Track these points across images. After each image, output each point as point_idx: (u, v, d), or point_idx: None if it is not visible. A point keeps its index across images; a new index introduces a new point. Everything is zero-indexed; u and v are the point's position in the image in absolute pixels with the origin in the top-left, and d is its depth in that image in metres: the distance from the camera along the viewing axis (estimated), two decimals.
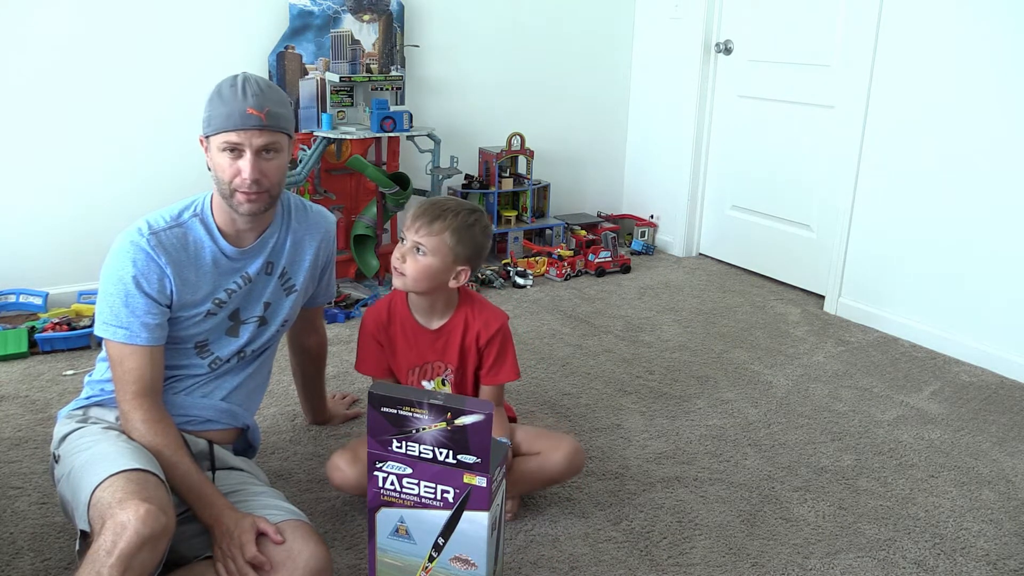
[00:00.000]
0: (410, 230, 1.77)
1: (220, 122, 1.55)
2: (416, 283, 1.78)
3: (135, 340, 1.55)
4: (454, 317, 1.86)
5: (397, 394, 1.41)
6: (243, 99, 1.54)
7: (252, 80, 1.58)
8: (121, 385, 1.56)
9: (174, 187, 2.46)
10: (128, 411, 1.55)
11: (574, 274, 3.65)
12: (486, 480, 1.40)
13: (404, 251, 1.77)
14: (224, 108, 1.55)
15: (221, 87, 1.57)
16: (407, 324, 1.87)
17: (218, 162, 1.57)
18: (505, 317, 1.90)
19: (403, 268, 1.77)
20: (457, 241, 1.76)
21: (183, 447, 1.56)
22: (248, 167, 1.55)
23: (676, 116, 3.97)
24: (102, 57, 2.94)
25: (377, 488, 1.45)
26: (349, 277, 3.37)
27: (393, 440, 1.41)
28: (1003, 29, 2.68)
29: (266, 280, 1.72)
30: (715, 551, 1.80)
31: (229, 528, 1.45)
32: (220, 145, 1.56)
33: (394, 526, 1.47)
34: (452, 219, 1.76)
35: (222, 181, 1.58)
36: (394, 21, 3.43)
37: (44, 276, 2.98)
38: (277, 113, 1.58)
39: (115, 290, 1.55)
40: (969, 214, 2.83)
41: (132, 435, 1.54)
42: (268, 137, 1.57)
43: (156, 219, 1.60)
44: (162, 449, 1.52)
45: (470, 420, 1.37)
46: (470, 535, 1.44)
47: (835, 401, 2.54)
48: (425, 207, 1.78)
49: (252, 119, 1.54)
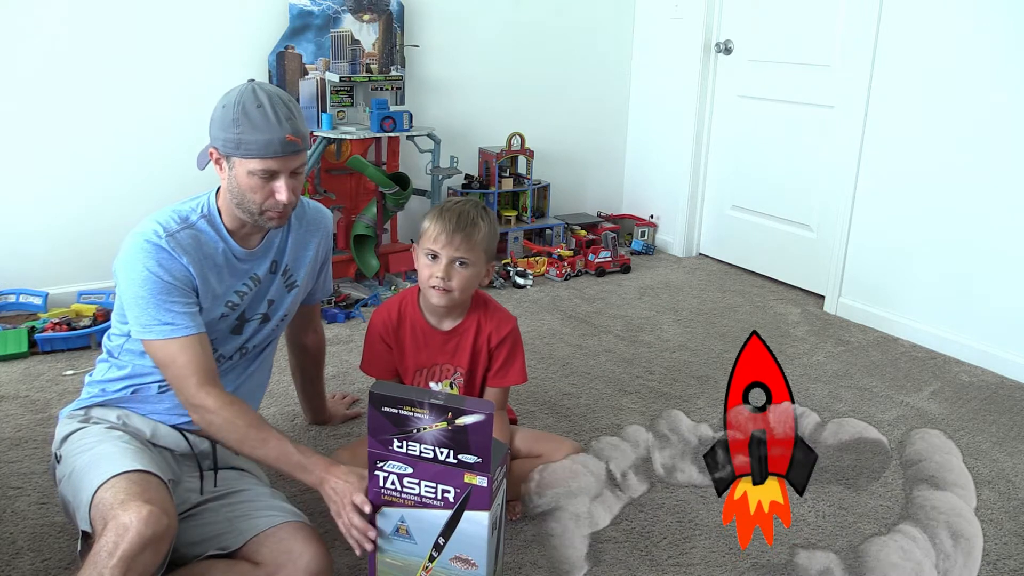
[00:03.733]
0: (448, 247, 1.73)
1: (258, 149, 1.52)
2: (463, 294, 1.79)
3: (182, 332, 1.53)
4: (467, 319, 1.87)
5: (398, 394, 1.41)
6: (279, 126, 1.51)
7: (276, 99, 1.54)
8: (181, 382, 1.53)
9: (174, 187, 2.45)
10: (200, 403, 1.51)
11: (574, 274, 3.65)
12: (487, 480, 1.41)
13: (443, 268, 1.74)
14: (260, 135, 1.51)
15: (246, 107, 1.52)
16: (418, 326, 1.87)
17: (247, 183, 1.55)
18: (515, 320, 1.91)
19: (448, 285, 1.75)
20: (489, 243, 1.79)
21: (265, 422, 1.55)
22: (286, 191, 1.55)
23: (676, 116, 3.97)
24: (102, 57, 2.94)
25: (378, 488, 1.45)
26: (349, 277, 3.37)
27: (394, 440, 1.41)
28: (1003, 29, 2.69)
29: (271, 279, 1.73)
30: (715, 551, 1.80)
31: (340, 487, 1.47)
32: (253, 169, 1.53)
33: (394, 526, 1.47)
34: (482, 224, 1.77)
35: (252, 202, 1.56)
36: (394, 21, 3.43)
37: (44, 276, 2.98)
38: (305, 133, 1.58)
39: (145, 292, 1.52)
40: (969, 214, 2.84)
41: (213, 424, 1.52)
42: (302, 158, 1.58)
43: (167, 221, 1.58)
44: (248, 430, 1.50)
45: (471, 420, 1.37)
46: (471, 535, 1.44)
47: (835, 401, 2.54)
48: (451, 220, 1.74)
49: (291, 146, 1.53)
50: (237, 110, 1.52)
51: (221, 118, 1.54)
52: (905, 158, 3.01)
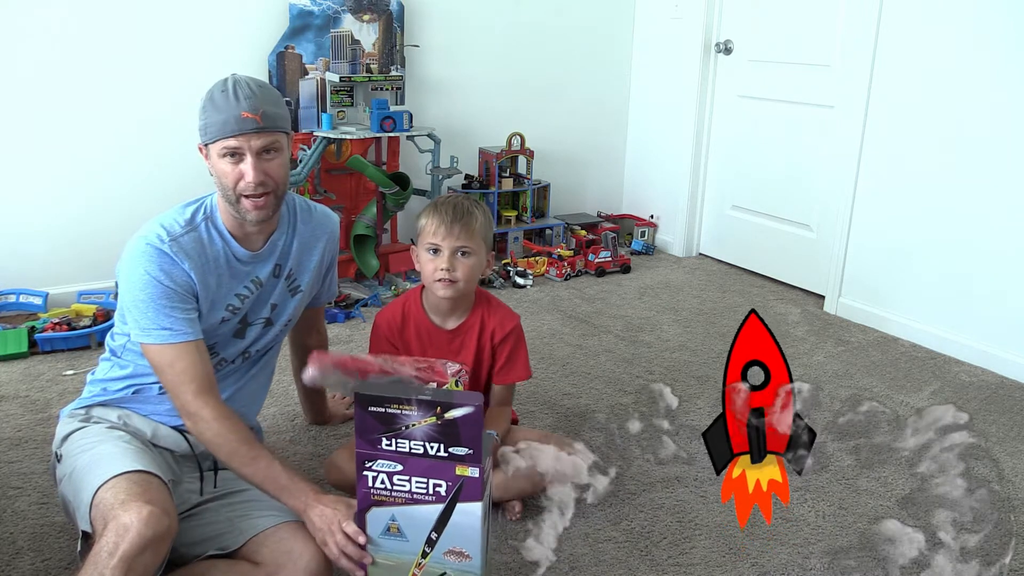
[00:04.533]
0: (448, 238, 1.76)
1: (217, 129, 1.54)
2: (468, 284, 1.81)
3: (181, 338, 1.53)
4: (471, 316, 1.88)
5: (384, 392, 1.40)
6: (236, 103, 1.52)
7: (243, 82, 1.56)
8: (178, 388, 1.52)
9: (174, 187, 2.46)
10: (195, 411, 1.51)
11: (574, 274, 3.65)
12: (479, 470, 1.40)
13: (447, 260, 1.77)
14: (219, 115, 1.53)
15: (213, 93, 1.55)
16: (422, 325, 1.88)
17: (220, 169, 1.56)
18: (518, 317, 1.93)
19: (454, 276, 1.77)
20: (487, 231, 1.83)
21: (256, 439, 1.55)
22: (251, 170, 1.54)
23: (676, 116, 3.97)
24: (102, 57, 2.94)
25: (367, 488, 1.44)
26: (349, 277, 3.37)
27: (383, 438, 1.41)
28: (1003, 29, 2.69)
29: (274, 283, 1.72)
30: (715, 551, 1.80)
31: (327, 514, 1.45)
32: (220, 152, 1.55)
33: (385, 525, 1.46)
34: (478, 213, 1.81)
35: (227, 187, 1.56)
36: (394, 21, 3.43)
37: (44, 276, 2.98)
38: (272, 113, 1.57)
39: (146, 295, 1.52)
40: (969, 214, 2.83)
41: (205, 435, 1.51)
42: (266, 138, 1.56)
43: (170, 224, 1.58)
44: (239, 446, 1.50)
45: (460, 413, 1.37)
46: (464, 527, 1.44)
47: (835, 401, 2.54)
48: (447, 212, 1.78)
49: (248, 122, 1.53)
50: (206, 98, 1.56)
51: (199, 110, 1.58)
52: (905, 158, 3.01)
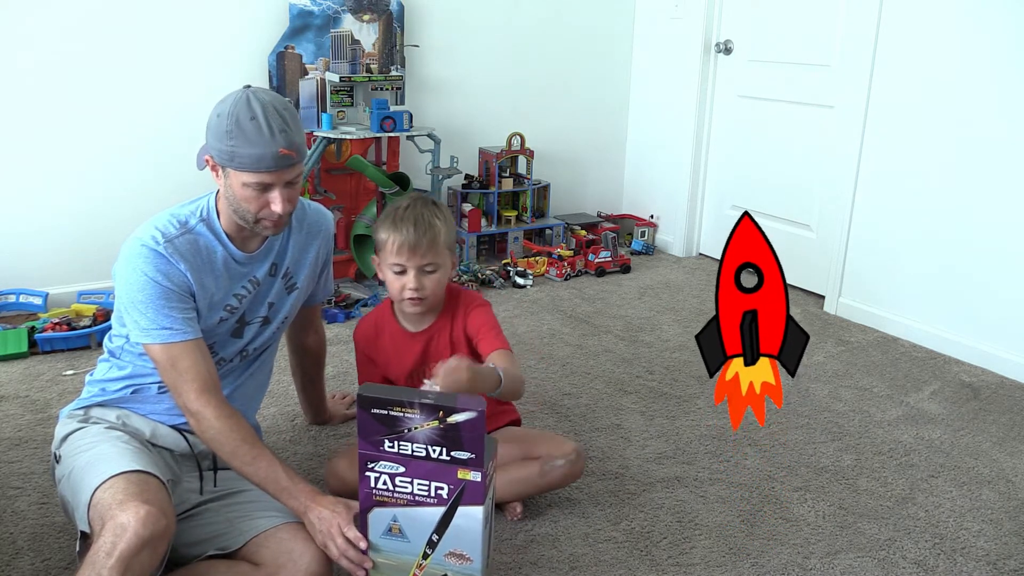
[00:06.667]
0: (412, 257, 1.72)
1: (251, 163, 1.50)
2: (437, 297, 1.81)
3: (182, 337, 1.53)
4: (441, 317, 1.87)
5: (387, 395, 1.40)
6: (272, 139, 1.48)
7: (271, 110, 1.50)
8: (181, 387, 1.52)
9: (174, 187, 2.46)
10: (198, 411, 1.51)
11: (574, 274, 3.65)
12: (481, 475, 1.40)
13: (414, 279, 1.74)
14: (252, 149, 1.49)
15: (239, 119, 1.48)
16: (396, 334, 1.89)
17: (242, 194, 1.54)
18: (480, 296, 1.91)
19: (423, 293, 1.75)
20: (450, 239, 1.80)
21: (259, 440, 1.55)
22: (281, 202, 1.54)
23: (676, 116, 3.97)
24: (102, 58, 2.94)
25: (369, 488, 1.44)
26: (349, 277, 3.37)
27: (385, 440, 1.41)
28: (1003, 29, 2.68)
29: (271, 282, 1.72)
30: (715, 551, 1.80)
31: (326, 516, 1.45)
32: (247, 181, 1.52)
33: (387, 525, 1.46)
34: (439, 223, 1.75)
35: (247, 212, 1.55)
36: (394, 21, 3.43)
37: (44, 276, 2.98)
38: (300, 143, 1.55)
39: (144, 296, 1.52)
40: (969, 214, 2.83)
41: (207, 434, 1.51)
42: (296, 170, 1.56)
43: (166, 226, 1.57)
44: (241, 445, 1.50)
45: (463, 417, 1.37)
46: (465, 530, 1.44)
47: (835, 401, 2.54)
48: (408, 230, 1.71)
49: (285, 159, 1.51)
50: (231, 121, 1.49)
51: (216, 127, 1.52)
52: (905, 158, 3.01)
